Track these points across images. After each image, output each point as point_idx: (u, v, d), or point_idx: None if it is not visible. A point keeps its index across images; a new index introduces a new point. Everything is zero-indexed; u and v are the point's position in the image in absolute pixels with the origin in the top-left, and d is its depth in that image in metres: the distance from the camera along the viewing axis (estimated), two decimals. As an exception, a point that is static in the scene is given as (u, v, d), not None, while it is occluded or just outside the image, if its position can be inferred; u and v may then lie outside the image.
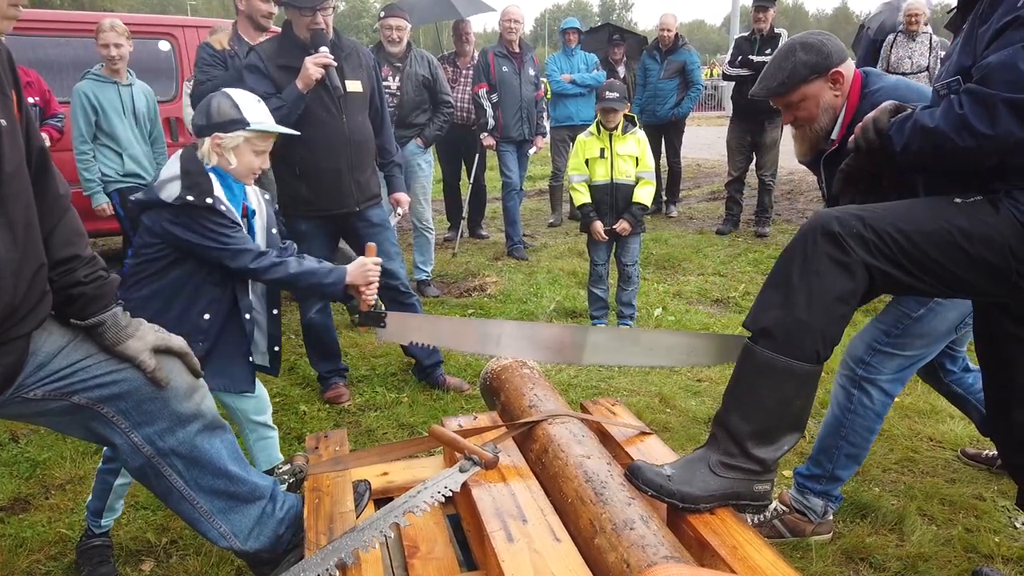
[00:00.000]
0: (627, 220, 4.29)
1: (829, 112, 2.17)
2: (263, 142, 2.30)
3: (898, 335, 2.25)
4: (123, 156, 4.43)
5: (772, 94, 2.20)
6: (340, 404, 3.57)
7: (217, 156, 2.23)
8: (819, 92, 2.15)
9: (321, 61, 3.15)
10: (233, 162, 2.24)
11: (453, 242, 6.78)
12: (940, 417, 3.29)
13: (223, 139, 2.21)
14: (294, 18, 3.26)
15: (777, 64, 2.17)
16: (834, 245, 1.66)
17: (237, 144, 2.23)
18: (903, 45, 6.91)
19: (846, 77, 2.14)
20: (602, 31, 9.01)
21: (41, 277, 1.49)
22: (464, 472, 1.80)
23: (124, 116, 4.41)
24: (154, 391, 1.66)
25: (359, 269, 2.30)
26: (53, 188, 1.56)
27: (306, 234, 3.34)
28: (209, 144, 2.22)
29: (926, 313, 2.21)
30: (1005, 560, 2.32)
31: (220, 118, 2.21)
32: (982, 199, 1.64)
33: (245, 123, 2.23)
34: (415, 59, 5.21)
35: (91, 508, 2.32)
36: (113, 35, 4.28)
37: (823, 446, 2.38)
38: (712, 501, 1.71)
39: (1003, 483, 2.72)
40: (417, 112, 5.26)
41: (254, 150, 2.27)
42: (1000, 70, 1.48)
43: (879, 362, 2.28)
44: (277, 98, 3.10)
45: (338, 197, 3.34)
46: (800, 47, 2.14)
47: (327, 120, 3.27)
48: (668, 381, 3.75)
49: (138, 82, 4.57)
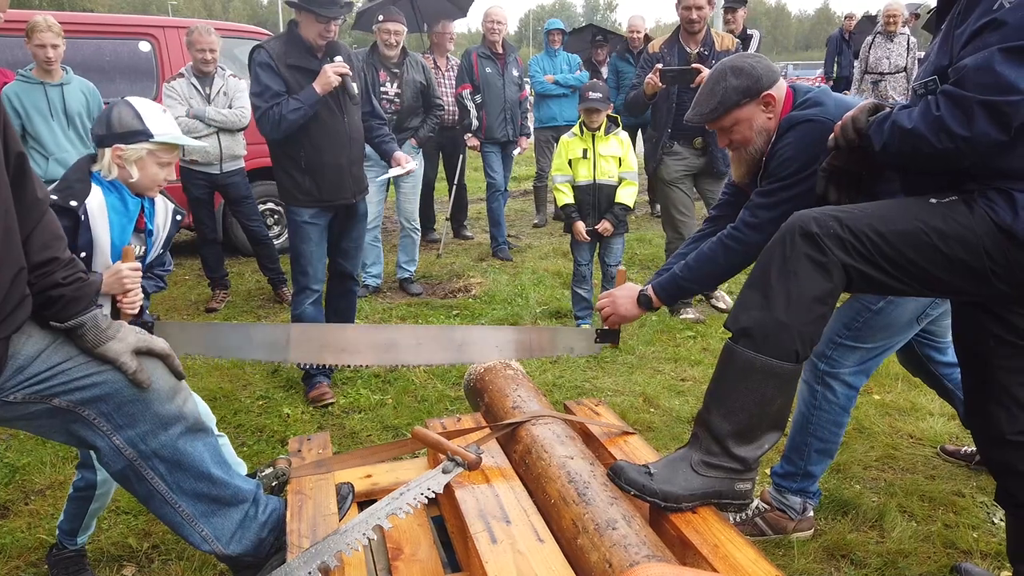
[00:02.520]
0: (609, 220, 4.30)
1: (763, 134, 2.18)
2: (168, 154, 2.19)
3: (858, 328, 2.27)
4: (48, 160, 4.23)
5: (705, 120, 2.21)
6: (324, 403, 3.58)
7: (118, 168, 2.13)
8: (751, 115, 2.16)
9: (340, 70, 3.35)
10: (135, 175, 2.14)
11: (438, 243, 6.78)
12: (920, 415, 3.32)
13: (124, 151, 2.11)
14: (306, 22, 3.40)
15: (709, 89, 2.18)
16: (812, 246, 1.67)
17: (140, 156, 2.13)
18: (881, 46, 6.99)
19: (777, 99, 2.16)
20: (585, 32, 9.04)
21: (20, 281, 1.48)
22: (447, 473, 1.80)
23: (52, 118, 4.21)
24: (136, 393, 1.65)
25: (112, 276, 2.10)
26: (31, 192, 1.55)
27: (311, 224, 3.59)
28: (110, 156, 2.12)
29: (886, 305, 2.23)
30: (983, 555, 2.35)
31: (121, 128, 2.11)
32: (957, 199, 1.66)
33: (148, 134, 2.12)
34: (411, 65, 5.25)
35: (64, 529, 2.27)
36: (50, 35, 4.11)
37: (793, 444, 2.41)
38: (694, 500, 1.72)
39: (981, 479, 2.76)
40: (412, 117, 5.32)
41: (158, 162, 2.17)
42: (976, 72, 1.50)
43: (840, 355, 2.30)
44: (295, 99, 3.32)
45: (339, 189, 3.59)
46: (730, 72, 2.15)
47: (331, 120, 3.48)
48: (652, 381, 3.77)
49: (76, 80, 4.36)
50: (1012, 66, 1.46)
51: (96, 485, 2.21)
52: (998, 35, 1.50)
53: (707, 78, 2.23)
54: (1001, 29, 1.49)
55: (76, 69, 4.43)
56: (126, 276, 2.11)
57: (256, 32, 6.71)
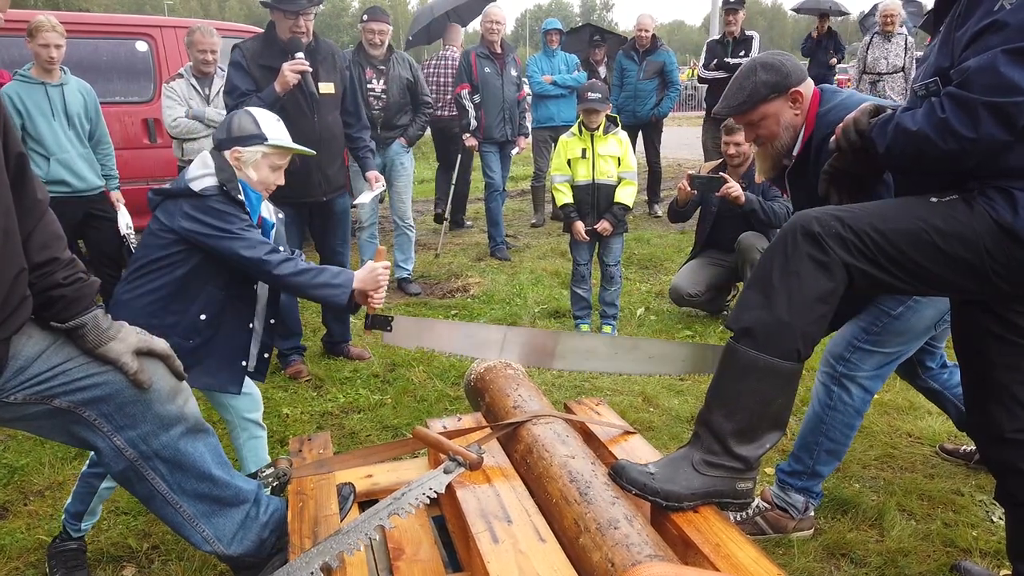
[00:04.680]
0: (608, 220, 4.31)
1: (790, 131, 2.23)
2: (280, 158, 2.41)
3: (877, 332, 2.28)
4: (50, 161, 4.18)
5: (734, 112, 2.27)
6: (301, 379, 3.83)
7: (236, 169, 2.32)
8: (779, 111, 2.21)
9: (297, 68, 3.44)
10: (253, 176, 2.36)
11: (437, 237, 6.78)
12: (919, 414, 3.33)
13: (243, 153, 2.32)
14: (278, 20, 3.56)
15: (739, 84, 2.23)
16: (814, 245, 1.68)
17: (256, 159, 2.35)
18: (879, 46, 7.00)
19: (805, 96, 2.21)
20: (583, 32, 9.05)
21: (21, 282, 1.48)
22: (449, 473, 1.80)
23: (53, 118, 4.19)
24: (137, 394, 1.64)
25: (369, 274, 2.32)
26: (31, 193, 1.55)
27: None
28: (230, 157, 2.32)
29: (905, 311, 2.24)
30: (983, 554, 2.35)
31: (240, 132, 2.33)
32: (957, 198, 1.66)
33: (264, 138, 2.34)
34: (397, 62, 5.27)
35: (71, 511, 2.29)
36: (54, 35, 4.07)
37: (804, 442, 2.41)
38: (695, 499, 1.72)
39: (980, 478, 2.76)
40: (400, 114, 5.30)
41: (271, 165, 2.38)
42: (979, 74, 1.51)
43: (859, 359, 2.31)
44: (257, 97, 3.42)
45: (308, 187, 3.68)
46: (761, 67, 2.20)
47: (299, 119, 3.55)
48: (651, 380, 3.77)
49: (74, 80, 4.34)
50: (1015, 67, 1.47)
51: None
52: (1000, 37, 1.50)
53: (737, 73, 2.28)
54: (1003, 31, 1.50)
55: (73, 69, 4.40)
56: (380, 274, 2.33)
57: (252, 32, 6.69)
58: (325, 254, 4.00)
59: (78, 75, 4.43)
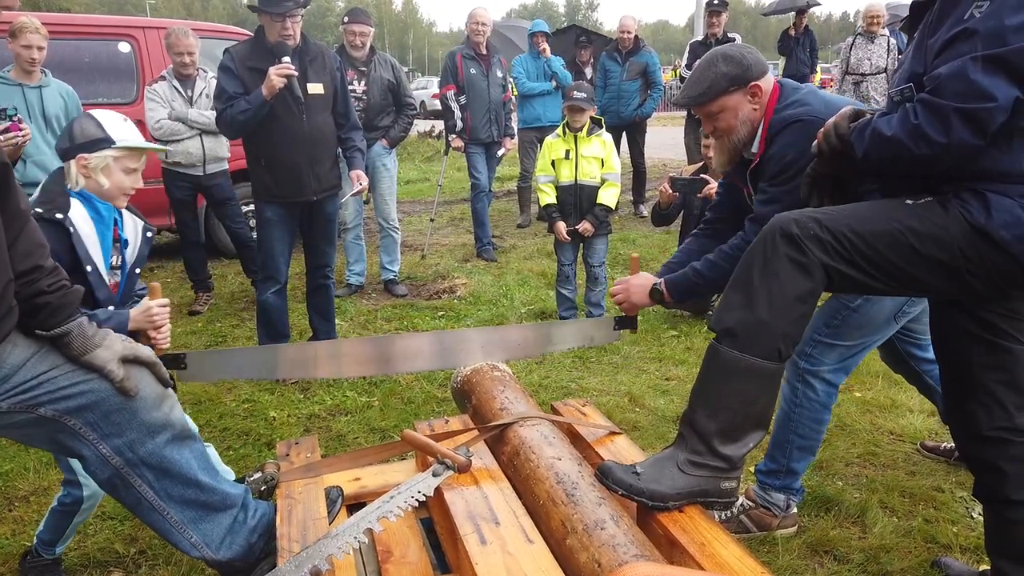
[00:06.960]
0: (590, 221, 4.33)
1: (747, 125, 2.22)
2: (133, 161, 2.19)
3: (837, 325, 2.31)
4: (26, 163, 4.14)
5: (693, 103, 2.26)
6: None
7: (85, 178, 2.13)
8: (738, 104, 2.20)
9: (283, 72, 3.46)
10: (105, 183, 2.15)
11: (424, 238, 6.78)
12: (900, 411, 3.38)
13: (89, 159, 2.12)
14: (266, 23, 3.59)
15: (699, 74, 2.22)
16: (792, 247, 1.70)
17: (106, 164, 2.13)
18: (862, 47, 7.06)
19: (764, 91, 2.19)
20: (569, 33, 9.07)
21: (8, 293, 1.48)
22: (437, 476, 1.81)
23: (30, 120, 4.15)
24: (122, 402, 1.64)
25: (142, 314, 2.13)
26: (15, 202, 1.55)
27: (271, 219, 3.78)
28: (75, 167, 2.12)
29: (864, 303, 2.27)
30: (963, 550, 2.39)
31: (83, 138, 2.12)
32: (932, 200, 1.70)
33: (110, 141, 2.14)
34: (379, 63, 5.27)
35: (43, 538, 2.25)
36: (37, 37, 4.08)
37: (776, 441, 2.45)
38: (681, 499, 1.74)
39: (960, 475, 2.81)
40: (382, 115, 5.30)
41: (123, 169, 2.17)
42: (950, 81, 1.54)
43: (820, 353, 2.34)
44: (245, 100, 3.50)
45: (298, 187, 3.74)
46: (722, 59, 2.19)
47: (288, 120, 3.64)
48: (637, 380, 3.80)
49: (54, 82, 4.32)
50: (985, 74, 1.50)
51: (82, 500, 2.19)
52: (969, 44, 1.54)
53: (698, 63, 2.27)
54: (972, 38, 1.54)
55: (55, 71, 4.37)
56: (156, 313, 2.14)
57: (236, 33, 6.67)
58: (312, 253, 4.02)
59: (60, 77, 4.41)
